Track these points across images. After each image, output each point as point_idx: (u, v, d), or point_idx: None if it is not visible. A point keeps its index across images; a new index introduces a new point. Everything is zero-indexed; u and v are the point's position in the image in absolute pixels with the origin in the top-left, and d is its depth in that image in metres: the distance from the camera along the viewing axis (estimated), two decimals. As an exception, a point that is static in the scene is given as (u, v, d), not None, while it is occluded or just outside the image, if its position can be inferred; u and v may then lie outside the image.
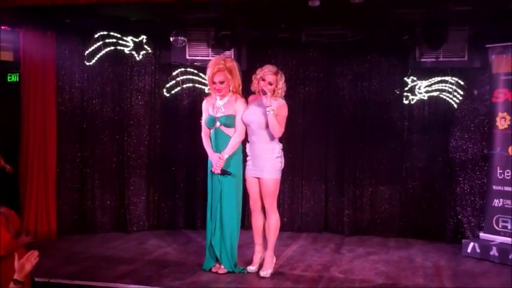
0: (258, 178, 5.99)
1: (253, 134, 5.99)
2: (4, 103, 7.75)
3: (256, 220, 6.19)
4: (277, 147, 5.95)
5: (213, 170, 5.98)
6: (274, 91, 5.87)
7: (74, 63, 7.84)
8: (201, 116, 6.21)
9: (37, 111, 7.48)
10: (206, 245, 6.16)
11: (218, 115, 6.02)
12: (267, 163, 5.91)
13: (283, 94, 5.99)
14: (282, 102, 5.95)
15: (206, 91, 6.26)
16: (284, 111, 5.91)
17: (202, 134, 6.13)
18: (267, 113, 5.76)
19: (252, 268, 6.15)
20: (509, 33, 6.81)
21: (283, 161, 6.01)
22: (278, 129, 5.82)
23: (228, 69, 6.00)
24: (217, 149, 6.00)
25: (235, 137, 6.00)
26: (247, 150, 6.08)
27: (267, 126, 5.85)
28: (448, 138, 7.59)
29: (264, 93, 5.76)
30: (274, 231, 6.04)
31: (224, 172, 5.95)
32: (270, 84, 5.87)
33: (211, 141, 6.07)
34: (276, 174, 5.95)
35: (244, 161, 6.12)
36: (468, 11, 6.88)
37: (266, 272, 5.99)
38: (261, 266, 6.10)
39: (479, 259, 6.81)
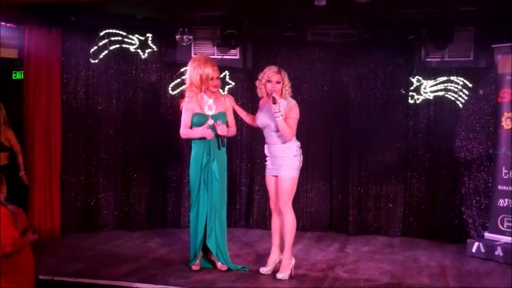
0: (276, 176, 5.92)
1: (268, 137, 5.93)
2: (9, 100, 7.73)
3: (275, 221, 6.09)
4: (294, 146, 5.84)
5: (221, 133, 5.96)
6: (282, 90, 5.81)
7: (79, 61, 7.83)
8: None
9: (42, 108, 7.48)
10: (199, 242, 6.08)
11: (211, 113, 6.02)
12: (285, 161, 5.81)
13: (290, 92, 5.92)
14: (292, 103, 5.87)
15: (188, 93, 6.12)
16: (294, 113, 5.82)
17: (182, 131, 6.06)
18: (276, 118, 5.70)
19: (264, 270, 6.03)
20: (514, 34, 6.81)
21: (301, 159, 5.92)
22: (289, 133, 5.75)
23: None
24: (210, 146, 5.99)
25: (232, 131, 6.18)
26: (265, 151, 6.01)
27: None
28: (453, 138, 7.57)
29: (274, 102, 5.69)
30: (290, 232, 5.89)
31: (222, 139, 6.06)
32: (278, 83, 5.80)
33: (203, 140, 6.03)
34: (293, 173, 5.85)
35: (264, 161, 6.11)
36: (474, 11, 6.88)
37: (284, 275, 5.84)
38: (277, 268, 5.98)
39: (484, 259, 6.80)
